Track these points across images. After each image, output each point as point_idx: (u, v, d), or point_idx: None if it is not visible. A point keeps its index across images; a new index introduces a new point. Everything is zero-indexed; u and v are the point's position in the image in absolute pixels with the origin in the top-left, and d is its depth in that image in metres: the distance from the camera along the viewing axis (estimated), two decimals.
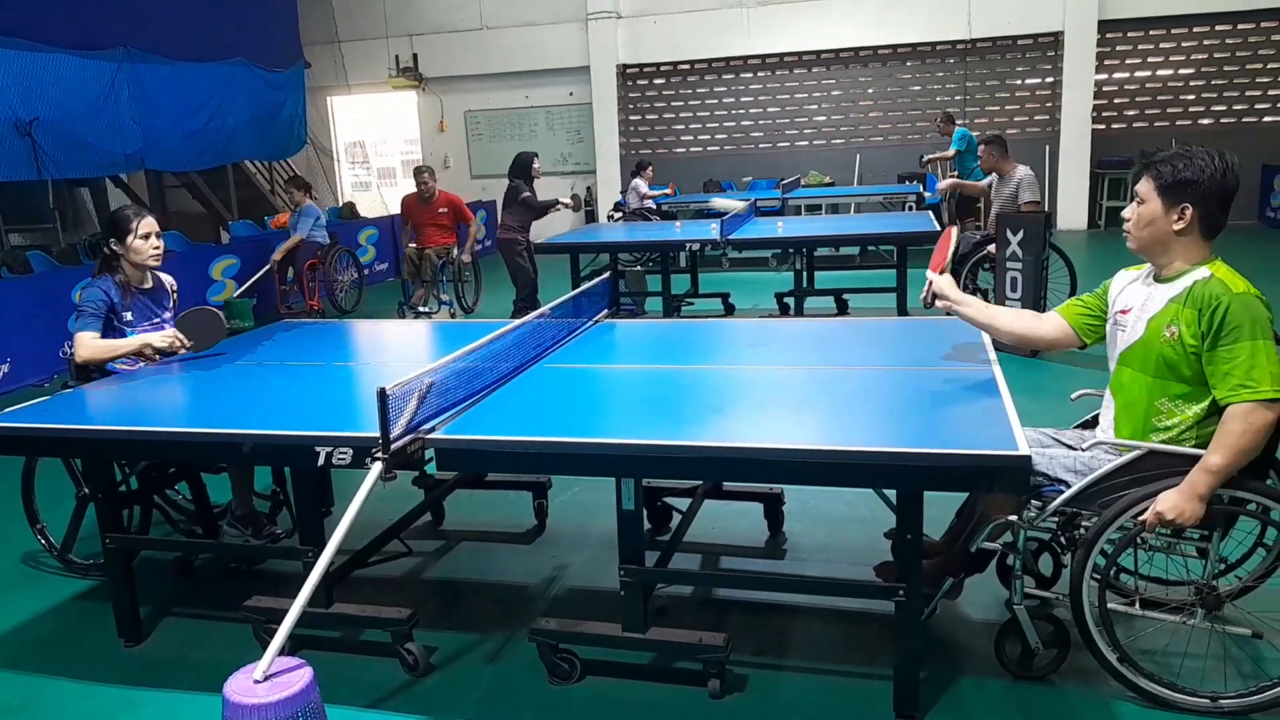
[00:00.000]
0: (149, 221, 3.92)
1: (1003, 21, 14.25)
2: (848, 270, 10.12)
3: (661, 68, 16.02)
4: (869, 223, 9.74)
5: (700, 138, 16.26)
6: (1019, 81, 14.71)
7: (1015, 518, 2.78)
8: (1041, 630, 2.89)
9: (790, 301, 8.41)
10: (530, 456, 2.64)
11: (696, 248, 7.93)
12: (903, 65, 15.11)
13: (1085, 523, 2.75)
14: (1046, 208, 10.25)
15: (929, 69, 15.03)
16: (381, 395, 2.52)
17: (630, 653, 3.06)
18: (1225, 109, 14.08)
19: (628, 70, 16.08)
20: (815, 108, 15.62)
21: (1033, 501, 2.77)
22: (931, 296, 3.19)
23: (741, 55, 15.45)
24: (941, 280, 3.19)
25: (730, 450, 2.53)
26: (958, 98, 14.81)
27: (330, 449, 2.71)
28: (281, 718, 2.19)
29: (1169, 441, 2.68)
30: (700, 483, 3.82)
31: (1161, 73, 14.21)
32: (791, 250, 8.62)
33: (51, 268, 8.81)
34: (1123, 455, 2.71)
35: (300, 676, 2.28)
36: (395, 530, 3.73)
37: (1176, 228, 2.62)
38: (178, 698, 3.07)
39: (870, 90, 15.34)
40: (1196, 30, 13.91)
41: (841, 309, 8.49)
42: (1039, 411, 3.10)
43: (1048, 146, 14.31)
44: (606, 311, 4.47)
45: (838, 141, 15.60)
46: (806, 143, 15.75)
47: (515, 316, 5.49)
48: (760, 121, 15.87)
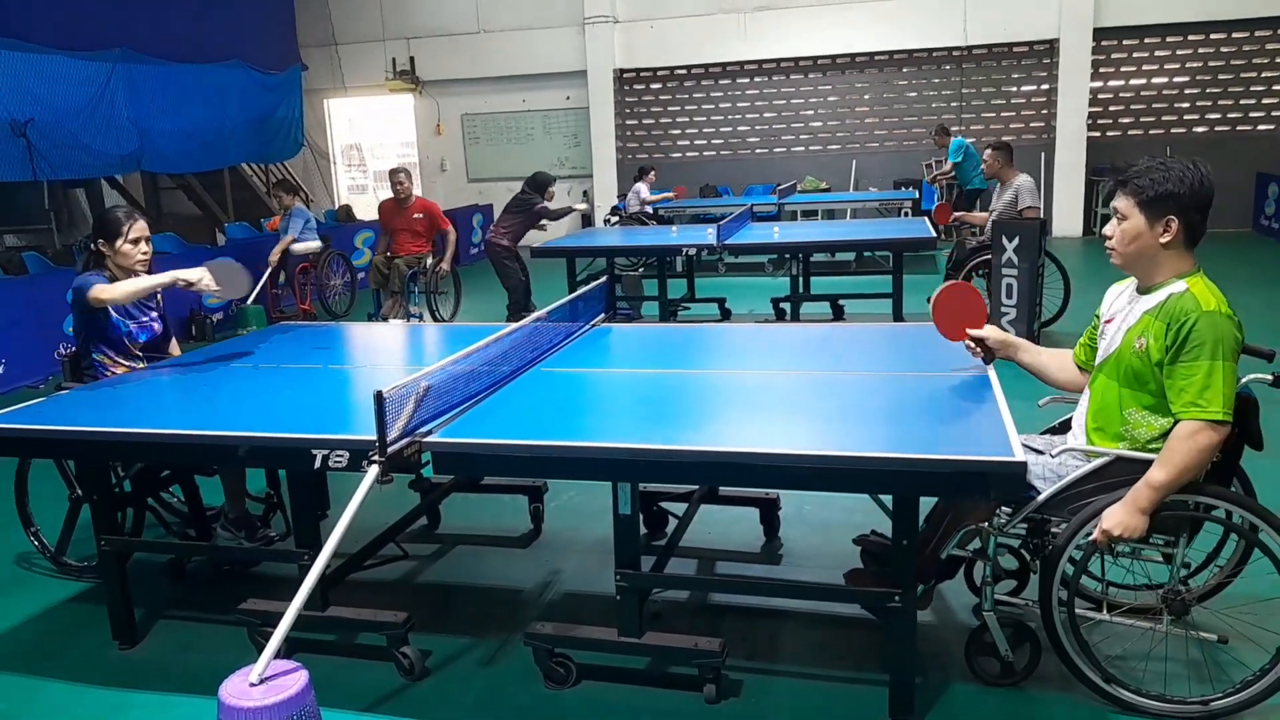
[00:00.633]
0: (141, 226, 3.86)
1: (999, 29, 14.30)
2: (844, 276, 10.15)
3: (658, 72, 16.05)
4: (865, 228, 9.76)
5: (697, 143, 16.28)
6: (1015, 89, 14.76)
7: (985, 524, 2.79)
8: (1011, 637, 2.89)
9: (786, 307, 8.43)
10: (526, 460, 2.65)
11: (693, 252, 7.95)
12: (899, 72, 15.15)
13: (1054, 529, 2.75)
14: (1041, 215, 10.26)
15: (925, 76, 15.07)
16: (378, 398, 2.52)
17: (626, 657, 3.06)
18: (1220, 117, 14.13)
19: (624, 75, 16.10)
20: (811, 113, 15.65)
21: (1002, 508, 2.77)
22: (989, 353, 3.11)
23: (738, 61, 15.47)
24: (993, 331, 3.11)
25: (726, 455, 2.53)
26: (954, 105, 14.86)
27: (326, 452, 2.71)
28: None
29: (1137, 450, 2.68)
30: (696, 488, 3.83)
31: (1156, 81, 14.27)
32: (788, 256, 8.64)
33: (46, 269, 8.79)
34: (1091, 461, 2.71)
35: (296, 680, 2.28)
36: (391, 534, 3.73)
37: (1163, 240, 2.61)
38: (172, 701, 3.06)
39: (866, 96, 15.37)
40: (1191, 38, 13.97)
41: (837, 314, 8.51)
42: (1022, 418, 3.11)
43: (1043, 154, 14.36)
44: (603, 316, 4.47)
45: (834, 147, 15.63)
46: (803, 148, 15.78)
47: (510, 320, 5.51)
48: (757, 127, 15.90)
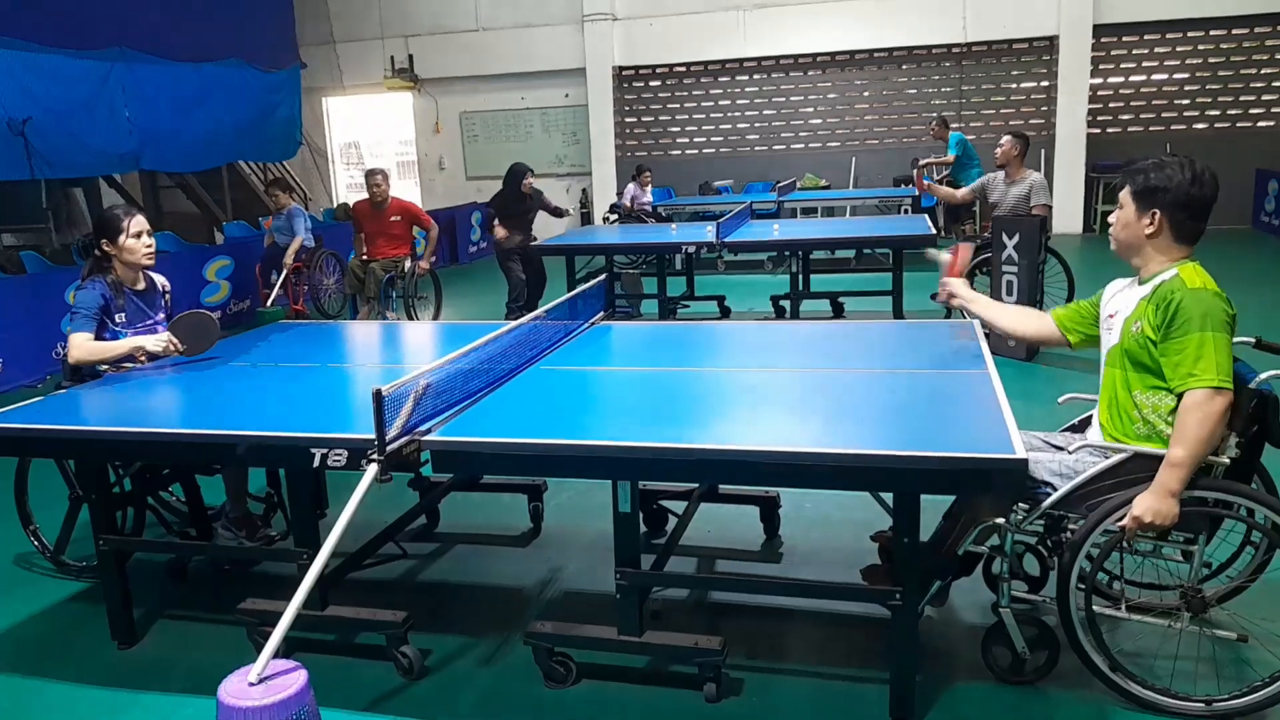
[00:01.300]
0: (140, 220, 3.88)
1: (998, 25, 14.30)
2: (843, 273, 10.15)
3: (657, 70, 16.04)
4: (865, 226, 9.75)
5: (696, 140, 16.28)
6: (1014, 85, 14.75)
7: (1002, 521, 2.79)
8: (1028, 634, 2.89)
9: (786, 304, 8.42)
10: (526, 458, 2.64)
11: (692, 250, 7.93)
12: (898, 69, 15.14)
13: (1072, 526, 2.76)
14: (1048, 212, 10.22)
15: (924, 72, 15.06)
16: (377, 396, 2.52)
17: (626, 656, 3.06)
18: (1219, 114, 14.13)
19: (623, 72, 16.10)
20: (811, 111, 15.65)
21: (1020, 505, 2.78)
22: (947, 295, 3.48)
23: (737, 58, 15.47)
24: (955, 282, 3.48)
25: (726, 453, 2.52)
26: (953, 102, 14.85)
27: (325, 451, 2.71)
28: None
29: (1150, 436, 2.70)
30: (696, 486, 3.82)
31: (1156, 77, 14.26)
32: (787, 253, 8.63)
33: (44, 268, 8.78)
34: (1108, 458, 2.73)
35: (295, 679, 2.28)
36: (390, 533, 3.73)
37: (1147, 232, 2.72)
38: (171, 700, 3.06)
39: (866, 93, 15.37)
40: (1191, 35, 13.96)
41: (837, 312, 8.50)
42: (1031, 415, 3.11)
43: (1043, 151, 14.35)
44: (602, 314, 4.46)
45: (833, 144, 15.62)
46: (802, 146, 15.78)
47: (509, 319, 5.50)
48: (756, 124, 15.89)
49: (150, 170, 13.02)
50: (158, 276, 4.13)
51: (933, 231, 7.78)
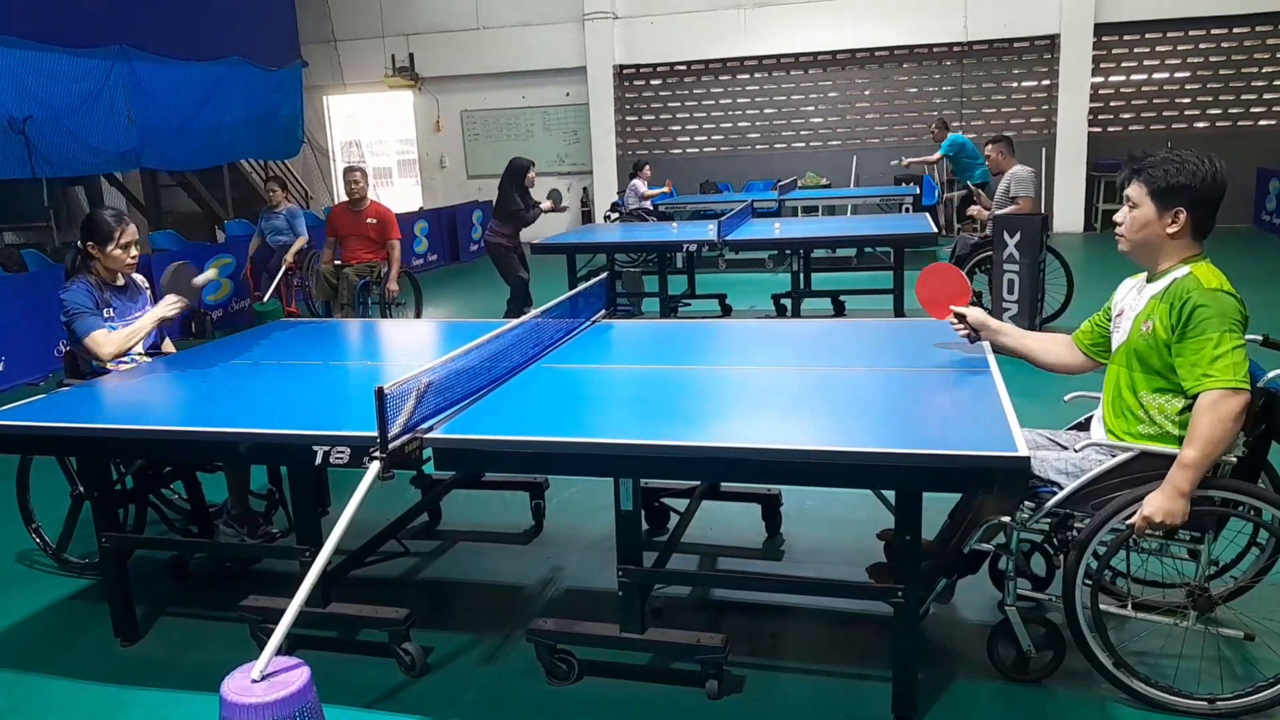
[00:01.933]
0: (131, 231, 3.92)
1: (999, 24, 14.29)
2: (844, 272, 10.15)
3: (658, 68, 16.03)
4: (865, 224, 9.75)
5: (697, 139, 16.27)
6: (1015, 84, 14.74)
7: (1008, 519, 2.79)
8: (1034, 633, 2.89)
9: (787, 303, 8.42)
10: (528, 456, 2.64)
11: (693, 248, 7.93)
12: (899, 67, 15.13)
13: (1078, 524, 2.76)
14: (1043, 210, 10.20)
15: (925, 71, 15.05)
16: (379, 394, 2.51)
17: (628, 653, 3.06)
18: (1220, 113, 14.12)
19: (624, 71, 16.09)
20: (812, 109, 15.64)
21: (1026, 503, 2.78)
22: (973, 331, 3.23)
23: (738, 56, 15.46)
24: (975, 311, 3.24)
25: (728, 451, 2.52)
26: (954, 100, 14.84)
27: (328, 448, 2.71)
28: (279, 717, 2.18)
29: (1155, 437, 2.69)
30: (698, 483, 3.82)
31: (1157, 76, 14.26)
32: (788, 252, 8.63)
33: (46, 266, 8.78)
34: (1115, 456, 2.72)
35: (298, 676, 2.27)
36: (392, 530, 3.73)
37: (1170, 231, 2.66)
38: (174, 697, 3.06)
39: (867, 92, 15.36)
40: (1192, 34, 13.95)
41: (838, 310, 8.50)
42: (1034, 413, 3.10)
43: (1044, 149, 14.34)
44: (603, 312, 4.46)
45: (834, 143, 15.62)
46: (803, 144, 15.77)
47: (509, 317, 5.49)
48: (757, 123, 15.88)
49: (151, 169, 13.01)
50: (136, 275, 4.15)
51: (934, 230, 7.79)
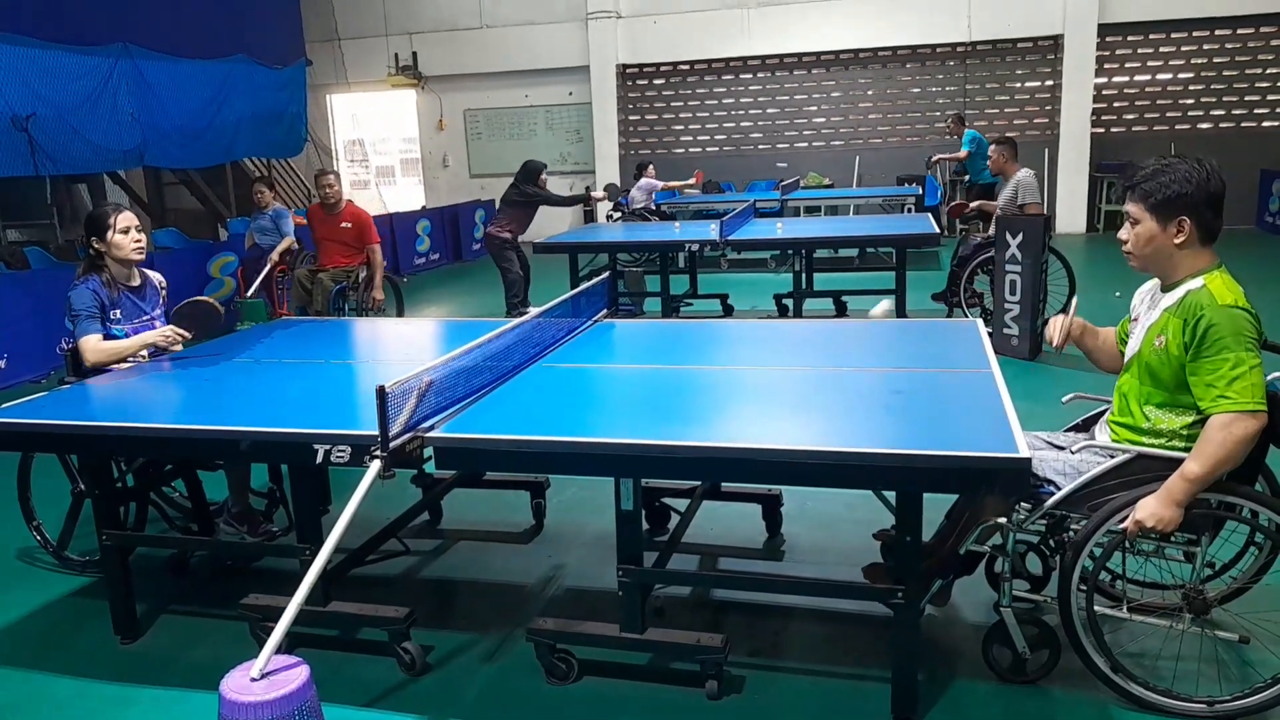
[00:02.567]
0: (127, 215, 3.89)
1: (1003, 24, 14.27)
2: (846, 272, 10.14)
3: (661, 68, 16.03)
4: (868, 224, 9.74)
5: (700, 138, 16.26)
6: (1019, 84, 14.73)
7: (1004, 520, 2.79)
8: (1029, 634, 2.89)
9: (789, 303, 8.42)
10: (529, 455, 2.64)
11: (695, 248, 7.93)
12: (902, 67, 15.12)
13: (1074, 525, 2.75)
14: (1045, 211, 10.18)
15: (929, 71, 15.04)
16: (380, 393, 2.52)
17: (628, 653, 3.06)
18: (1224, 114, 14.10)
19: (627, 70, 16.08)
20: (815, 109, 15.63)
21: (1022, 504, 2.77)
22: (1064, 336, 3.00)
23: (741, 56, 15.46)
24: (1068, 320, 3.00)
25: (729, 451, 2.52)
26: (958, 100, 14.82)
27: (328, 447, 2.71)
28: (278, 716, 2.18)
29: (1160, 447, 2.68)
30: (698, 483, 3.82)
31: (1161, 77, 14.24)
32: (790, 251, 8.62)
33: (49, 264, 8.80)
34: (1113, 458, 2.72)
35: (297, 675, 2.27)
36: (393, 529, 3.73)
37: (1177, 241, 2.62)
38: (173, 695, 3.06)
39: (870, 92, 15.35)
40: (1196, 34, 13.93)
41: (840, 310, 8.50)
42: (1034, 414, 3.10)
43: (1047, 150, 14.33)
44: (605, 311, 4.46)
45: (837, 143, 15.61)
46: (806, 144, 15.76)
47: (509, 315, 5.49)
48: (760, 123, 15.88)
49: (154, 166, 13.02)
50: (154, 274, 4.14)
51: (936, 231, 7.78)
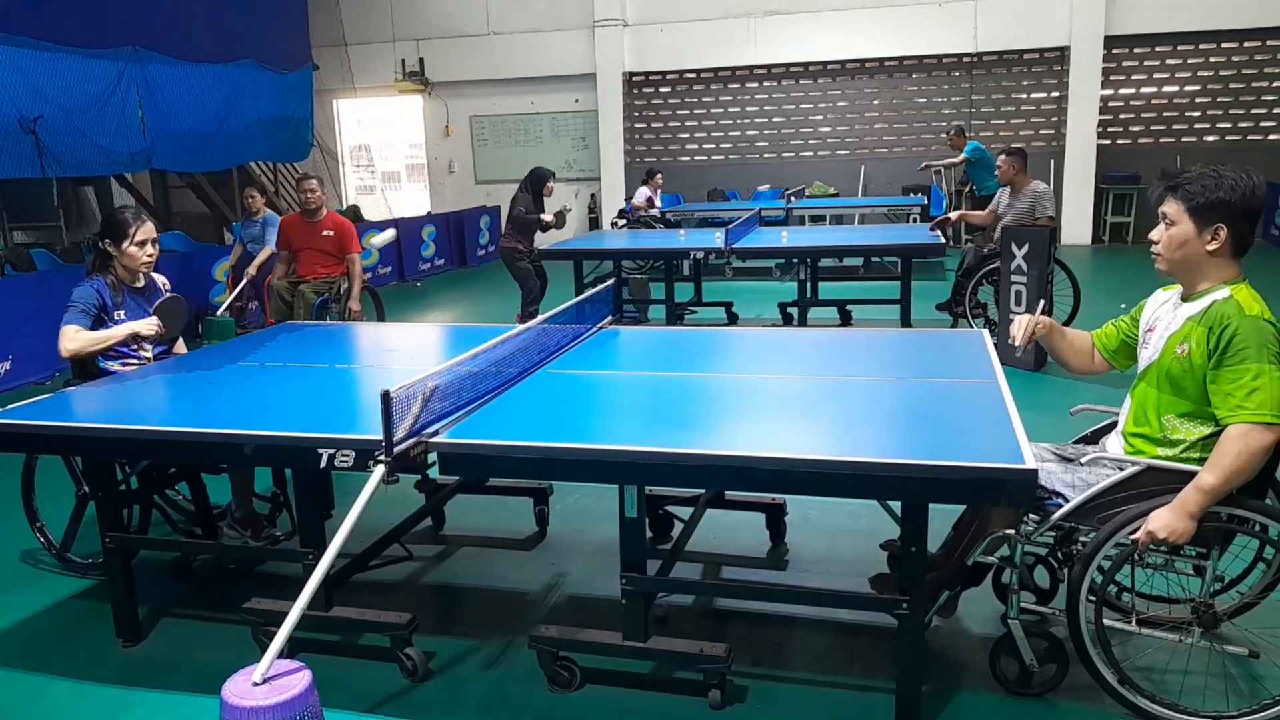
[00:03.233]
0: (148, 228, 3.90)
1: (1009, 35, 14.28)
2: (852, 281, 10.14)
3: (667, 76, 16.05)
4: (873, 234, 9.75)
5: (705, 147, 16.28)
6: (1025, 96, 14.73)
7: (1013, 532, 2.77)
8: (1037, 646, 2.87)
9: (794, 311, 8.42)
10: (533, 462, 2.64)
11: (700, 256, 7.94)
12: (909, 77, 15.13)
13: (1083, 538, 2.74)
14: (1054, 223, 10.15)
15: (935, 82, 15.05)
16: (385, 398, 2.51)
17: (630, 661, 3.05)
18: (1230, 126, 14.09)
19: (634, 78, 16.11)
20: (821, 118, 15.64)
21: (1030, 516, 2.76)
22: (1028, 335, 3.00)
23: (748, 65, 15.48)
24: (1032, 318, 3.02)
25: (734, 459, 2.51)
26: (964, 111, 14.83)
27: (332, 451, 2.71)
28: None
29: (1175, 458, 2.67)
30: (702, 491, 3.81)
31: (1167, 89, 14.23)
32: (796, 260, 8.63)
33: (55, 266, 8.83)
34: (1122, 470, 2.70)
35: (299, 680, 2.27)
36: (396, 534, 3.73)
37: (1210, 248, 2.59)
38: (175, 699, 3.05)
39: (876, 102, 15.36)
40: (1203, 47, 13.93)
41: (845, 320, 8.49)
42: (1040, 425, 3.09)
43: (1053, 161, 14.32)
44: (610, 318, 4.46)
45: (843, 152, 15.61)
46: (811, 153, 15.77)
47: (522, 320, 5.49)
48: (765, 131, 15.89)
49: (162, 170, 13.06)
50: (157, 276, 4.14)
51: (941, 241, 7.77)
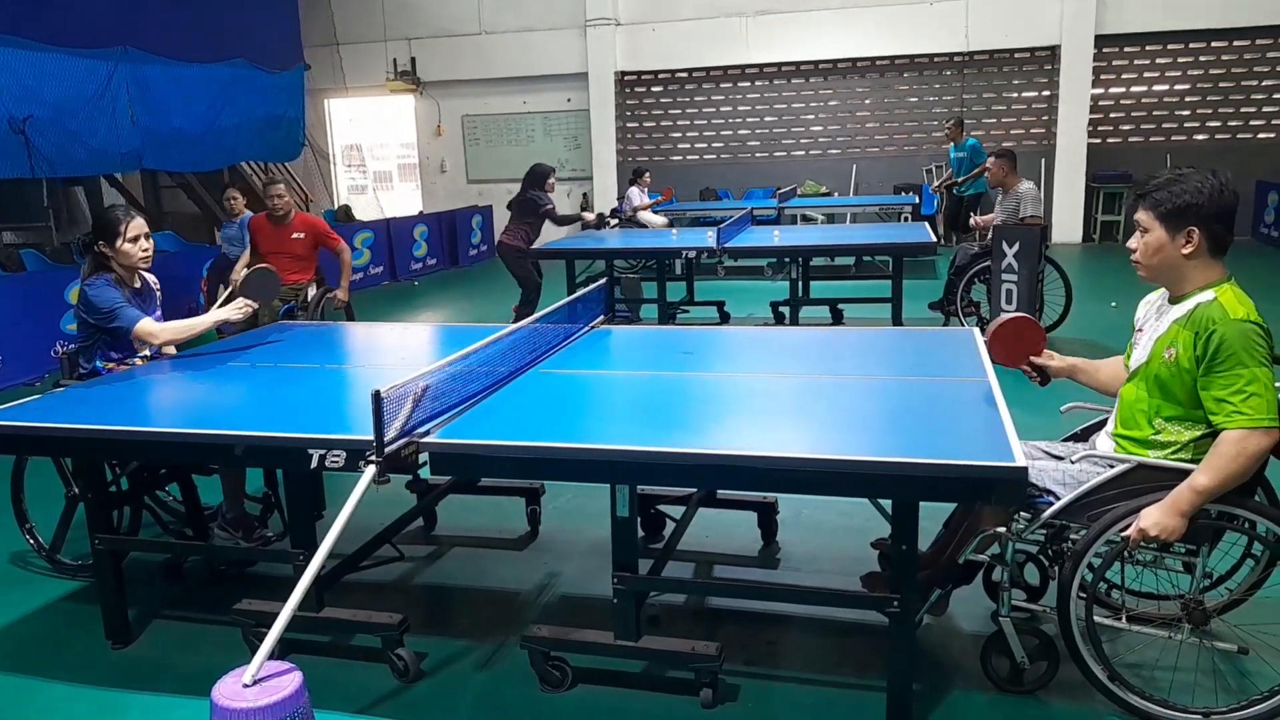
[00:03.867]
0: (138, 224, 3.85)
1: (1000, 35, 14.32)
2: (843, 280, 10.16)
3: (660, 75, 16.05)
4: (865, 233, 9.78)
5: (697, 146, 16.28)
6: (1016, 95, 14.77)
7: (1003, 530, 2.78)
8: (1028, 644, 2.88)
9: (785, 310, 8.43)
10: (525, 461, 2.63)
11: (692, 255, 7.94)
12: (900, 77, 15.16)
13: (1073, 535, 2.75)
14: (1043, 222, 10.22)
15: (926, 81, 15.08)
16: (376, 398, 2.51)
17: (622, 661, 3.05)
18: (1220, 125, 14.15)
19: (626, 77, 16.10)
20: (812, 118, 15.66)
21: (1021, 513, 2.77)
22: (1045, 377, 3.10)
23: (740, 64, 15.49)
24: (1059, 362, 3.07)
25: (725, 458, 2.52)
26: (955, 110, 14.85)
27: (323, 452, 2.70)
28: None
29: (1165, 458, 2.67)
30: (694, 491, 3.82)
31: (1157, 88, 14.29)
32: (787, 259, 8.64)
33: (45, 266, 8.78)
34: (1113, 468, 2.71)
35: (290, 681, 2.26)
36: (387, 535, 3.72)
37: (1185, 252, 2.60)
38: (165, 701, 3.04)
39: (867, 101, 15.38)
40: (1193, 46, 13.98)
41: (836, 319, 8.51)
42: (1031, 424, 3.09)
43: (1044, 160, 14.36)
44: (602, 318, 4.46)
45: (834, 152, 15.63)
46: (803, 152, 15.78)
47: (519, 319, 5.47)
48: (757, 131, 15.90)
49: (152, 170, 13.01)
50: (149, 275, 4.12)
51: (933, 240, 7.79)
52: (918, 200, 12.63)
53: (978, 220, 8.21)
